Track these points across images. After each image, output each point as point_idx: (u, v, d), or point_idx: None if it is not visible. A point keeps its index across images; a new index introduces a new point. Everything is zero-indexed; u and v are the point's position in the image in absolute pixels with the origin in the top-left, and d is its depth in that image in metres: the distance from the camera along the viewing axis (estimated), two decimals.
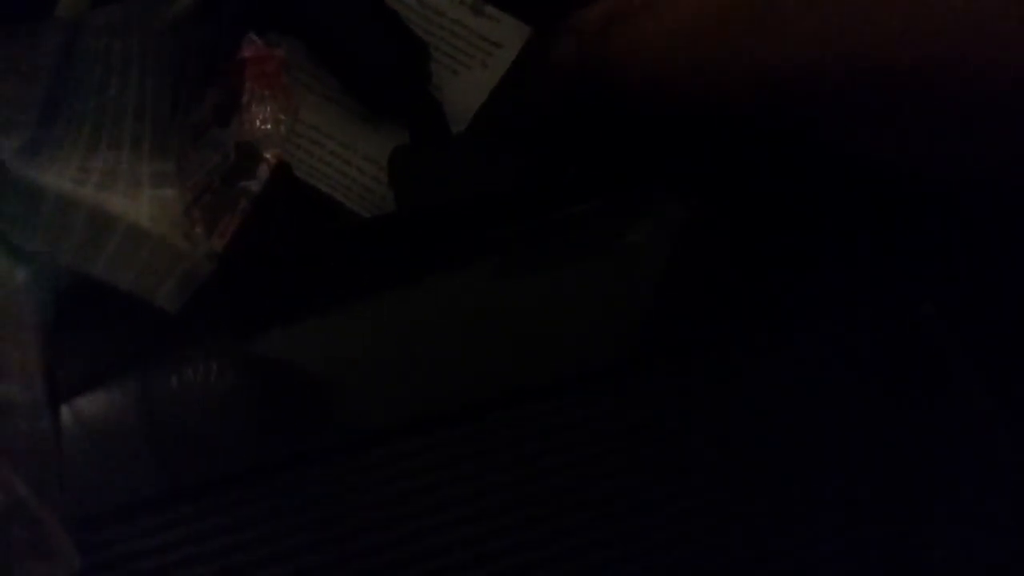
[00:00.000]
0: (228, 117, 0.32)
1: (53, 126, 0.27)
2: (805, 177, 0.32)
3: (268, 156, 0.32)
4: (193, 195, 0.29)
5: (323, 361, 0.33)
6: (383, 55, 0.36)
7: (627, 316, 0.35)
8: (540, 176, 0.36)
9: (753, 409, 0.32)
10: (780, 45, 0.23)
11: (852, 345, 0.32)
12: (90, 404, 0.25)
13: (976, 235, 0.31)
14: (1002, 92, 0.20)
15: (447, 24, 0.38)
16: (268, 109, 0.31)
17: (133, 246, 0.20)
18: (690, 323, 0.33)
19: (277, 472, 0.30)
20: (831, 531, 0.29)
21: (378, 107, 0.36)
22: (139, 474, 0.27)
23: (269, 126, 0.31)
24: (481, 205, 0.36)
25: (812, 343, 0.32)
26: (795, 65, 0.22)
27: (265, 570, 0.28)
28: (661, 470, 0.30)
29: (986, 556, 0.28)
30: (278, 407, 0.31)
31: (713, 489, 0.30)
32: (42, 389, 0.18)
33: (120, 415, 0.28)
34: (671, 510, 0.30)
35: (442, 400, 0.33)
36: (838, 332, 0.32)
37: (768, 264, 0.33)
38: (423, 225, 0.36)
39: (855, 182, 0.31)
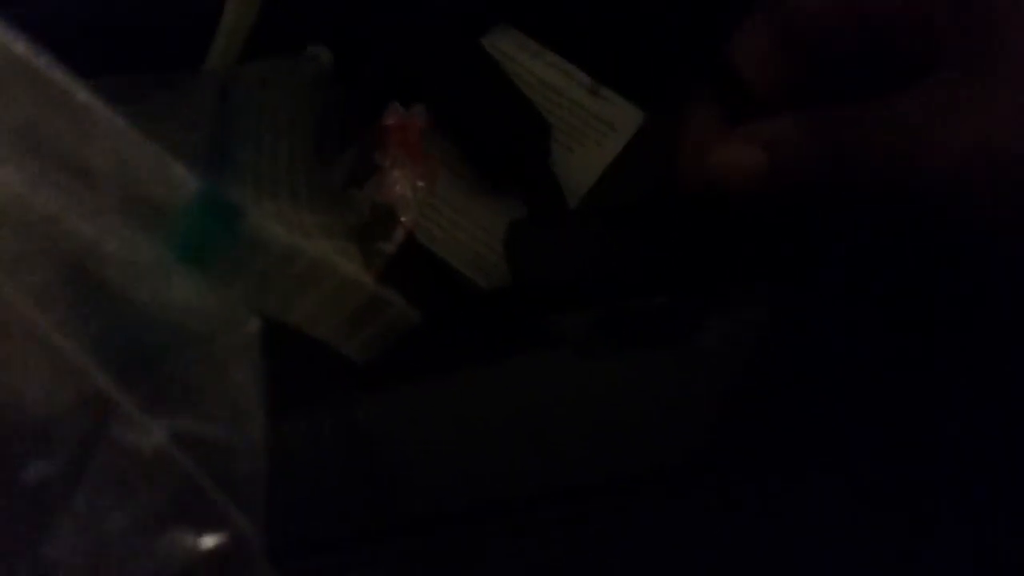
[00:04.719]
0: (364, 180, 0.34)
1: (219, 176, 0.28)
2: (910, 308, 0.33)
3: (404, 220, 0.33)
4: None
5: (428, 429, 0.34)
6: (508, 129, 0.38)
7: (696, 416, 0.36)
8: (647, 259, 0.38)
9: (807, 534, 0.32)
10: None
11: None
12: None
13: None
14: None
15: (565, 104, 0.40)
16: (407, 174, 0.33)
17: (344, 295, 0.21)
18: (755, 433, 0.34)
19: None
20: None
21: (498, 178, 0.38)
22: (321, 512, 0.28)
23: (408, 191, 0.33)
24: (586, 284, 0.37)
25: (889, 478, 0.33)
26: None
27: None
28: None
29: None
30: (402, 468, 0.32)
31: None
32: (262, 431, 0.19)
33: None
34: None
35: (523, 483, 0.35)
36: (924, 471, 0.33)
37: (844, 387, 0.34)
38: (529, 301, 0.37)
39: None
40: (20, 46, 0.18)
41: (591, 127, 0.41)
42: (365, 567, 0.30)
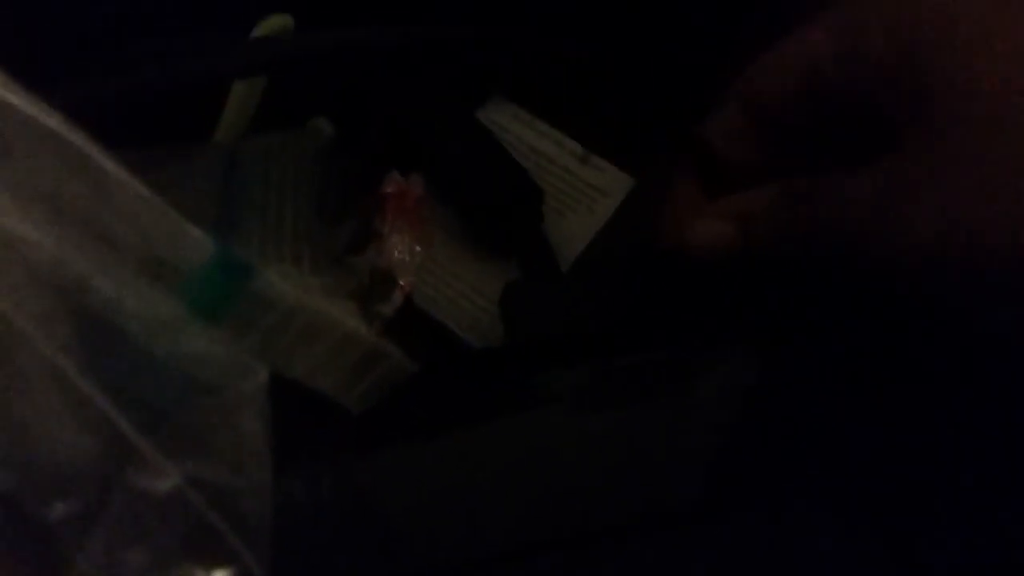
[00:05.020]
0: (364, 246, 0.36)
1: (227, 241, 0.30)
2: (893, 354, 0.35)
3: (402, 283, 0.35)
4: None
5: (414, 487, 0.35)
6: (502, 196, 0.40)
7: (691, 466, 0.37)
8: (639, 318, 0.39)
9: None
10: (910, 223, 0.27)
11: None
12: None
13: None
14: None
15: (557, 171, 0.42)
16: (405, 240, 0.35)
17: (344, 348, 0.23)
18: (748, 481, 0.36)
19: None
20: None
21: (493, 243, 0.40)
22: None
23: (406, 256, 0.35)
24: (579, 342, 0.38)
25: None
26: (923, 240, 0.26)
27: None
28: None
29: None
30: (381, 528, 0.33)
31: None
32: (268, 476, 0.21)
33: None
34: None
35: (522, 533, 0.36)
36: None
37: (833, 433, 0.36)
38: (524, 359, 0.38)
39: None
40: (53, 121, 0.20)
41: (582, 193, 0.43)
42: None
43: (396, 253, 0.36)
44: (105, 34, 0.36)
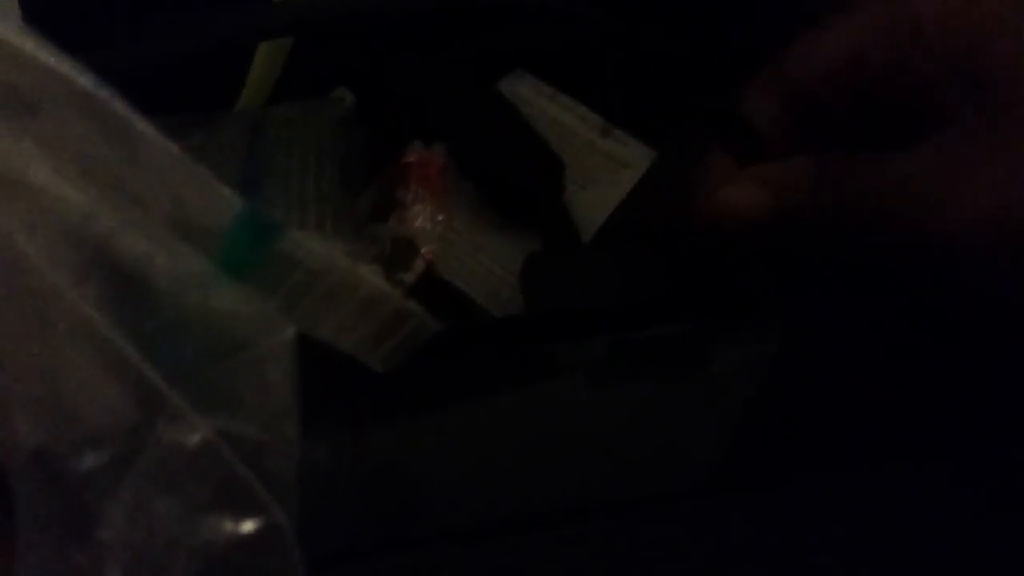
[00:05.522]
0: (386, 215, 0.36)
1: None
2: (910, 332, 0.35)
3: (424, 251, 0.35)
4: None
5: (423, 457, 0.36)
6: (523, 168, 0.40)
7: (706, 441, 0.37)
8: (658, 291, 0.39)
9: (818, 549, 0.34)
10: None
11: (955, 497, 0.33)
12: None
13: None
14: None
15: (578, 143, 0.43)
16: (428, 208, 0.35)
17: (370, 308, 0.23)
18: (763, 456, 0.36)
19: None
20: None
21: (514, 214, 0.40)
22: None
23: (428, 224, 0.35)
24: (598, 314, 0.39)
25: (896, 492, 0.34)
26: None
27: None
28: None
29: None
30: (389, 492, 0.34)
31: None
32: (295, 431, 0.21)
33: None
34: None
35: (538, 502, 0.36)
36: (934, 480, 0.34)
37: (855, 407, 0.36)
38: (543, 329, 0.39)
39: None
40: (86, 80, 0.20)
41: (603, 166, 0.43)
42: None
43: (418, 221, 0.36)
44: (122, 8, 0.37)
